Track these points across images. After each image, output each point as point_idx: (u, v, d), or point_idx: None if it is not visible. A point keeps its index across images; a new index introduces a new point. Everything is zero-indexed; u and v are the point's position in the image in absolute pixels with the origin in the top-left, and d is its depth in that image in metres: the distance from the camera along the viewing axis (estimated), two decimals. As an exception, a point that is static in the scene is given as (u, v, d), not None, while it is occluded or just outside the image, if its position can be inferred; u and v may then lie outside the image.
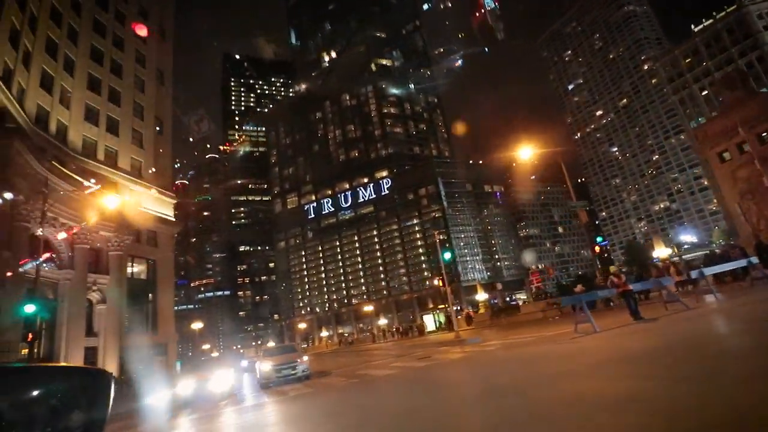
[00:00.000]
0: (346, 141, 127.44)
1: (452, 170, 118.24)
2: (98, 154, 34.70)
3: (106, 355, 30.34)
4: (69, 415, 1.32)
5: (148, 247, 37.18)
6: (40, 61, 30.35)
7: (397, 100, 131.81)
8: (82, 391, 1.35)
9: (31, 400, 1.25)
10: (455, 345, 16.37)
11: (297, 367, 13.03)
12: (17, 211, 24.76)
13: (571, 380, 5.06)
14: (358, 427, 4.73)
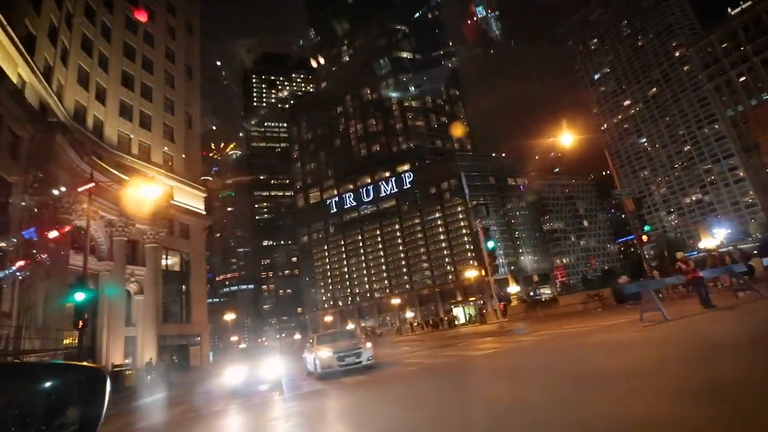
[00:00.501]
0: (367, 135, 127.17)
1: (475, 163, 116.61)
2: (132, 148, 35.38)
3: (144, 344, 31.05)
4: (64, 412, 1.29)
5: (180, 239, 37.84)
6: (76, 58, 31.03)
7: (418, 93, 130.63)
8: (77, 389, 1.31)
9: (25, 398, 1.21)
10: (502, 335, 15.95)
11: (362, 355, 11.35)
12: (60, 203, 25.42)
13: (682, 366, 4.66)
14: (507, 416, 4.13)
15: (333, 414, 6.07)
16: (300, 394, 8.83)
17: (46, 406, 1.24)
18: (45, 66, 26.27)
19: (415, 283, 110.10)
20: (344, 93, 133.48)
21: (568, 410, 3.74)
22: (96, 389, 1.32)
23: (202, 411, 9.49)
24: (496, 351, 10.60)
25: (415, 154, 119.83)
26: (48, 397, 1.26)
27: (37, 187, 23.37)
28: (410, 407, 5.08)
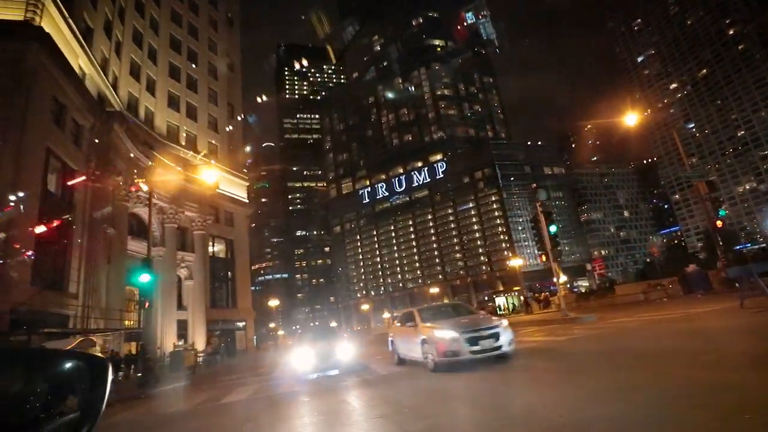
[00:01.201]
0: (399, 125, 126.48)
1: (509, 152, 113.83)
2: (180, 138, 36.43)
3: (195, 327, 32.17)
4: (65, 400, 1.28)
5: (225, 227, 38.86)
6: (128, 50, 32.06)
7: (450, 81, 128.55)
8: (80, 377, 1.30)
9: (27, 384, 1.21)
10: (568, 323, 15.40)
11: (500, 337, 7.60)
12: (118, 191, 26.48)
13: None
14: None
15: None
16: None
17: (47, 393, 1.23)
18: (102, 58, 27.27)
19: (448, 273, 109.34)
20: (376, 83, 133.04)
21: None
22: (98, 378, 1.31)
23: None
24: (599, 334, 10.10)
25: (448, 143, 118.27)
26: (50, 384, 1.26)
27: (98, 174, 24.40)
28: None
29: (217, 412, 7.71)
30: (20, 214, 17.75)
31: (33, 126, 18.83)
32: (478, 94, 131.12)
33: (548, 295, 34.43)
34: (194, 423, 6.92)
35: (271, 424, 5.69)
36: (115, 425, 8.10)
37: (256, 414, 6.72)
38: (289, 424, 5.50)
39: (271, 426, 5.58)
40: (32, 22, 19.64)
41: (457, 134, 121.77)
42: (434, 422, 4.31)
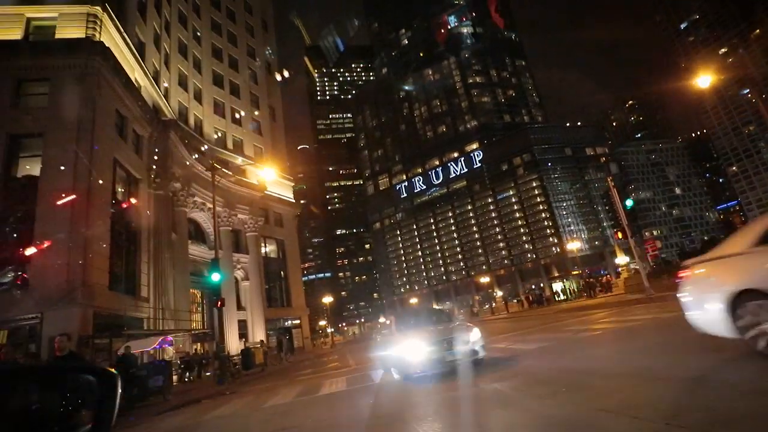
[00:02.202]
0: (432, 117, 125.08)
1: (548, 135, 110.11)
2: (228, 143, 37.35)
3: (254, 326, 32.92)
4: (77, 414, 1.31)
5: (275, 227, 39.58)
6: (176, 62, 33.12)
7: (481, 67, 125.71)
8: (90, 391, 1.31)
9: (39, 399, 1.24)
10: (656, 301, 14.42)
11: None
12: (176, 197, 27.38)
13: None
14: None
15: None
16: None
17: (59, 408, 1.24)
18: (153, 70, 28.26)
19: (491, 263, 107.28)
20: (406, 76, 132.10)
21: None
22: (109, 391, 1.29)
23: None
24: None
25: (483, 131, 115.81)
26: (61, 398, 1.26)
27: (158, 182, 25.31)
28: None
29: (325, 402, 7.56)
30: (97, 224, 18.59)
31: (101, 138, 19.66)
32: (511, 78, 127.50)
33: (610, 278, 32.76)
34: (312, 412, 6.78)
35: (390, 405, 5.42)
36: (228, 416, 8.12)
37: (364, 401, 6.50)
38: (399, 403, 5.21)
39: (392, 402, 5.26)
40: (93, 38, 20.49)
41: (491, 122, 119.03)
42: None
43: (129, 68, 23.62)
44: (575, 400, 3.96)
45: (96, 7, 21.22)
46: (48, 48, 19.65)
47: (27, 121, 18.49)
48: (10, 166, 18.17)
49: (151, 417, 10.33)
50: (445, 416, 4.60)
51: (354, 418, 5.46)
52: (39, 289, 16.09)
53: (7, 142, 18.16)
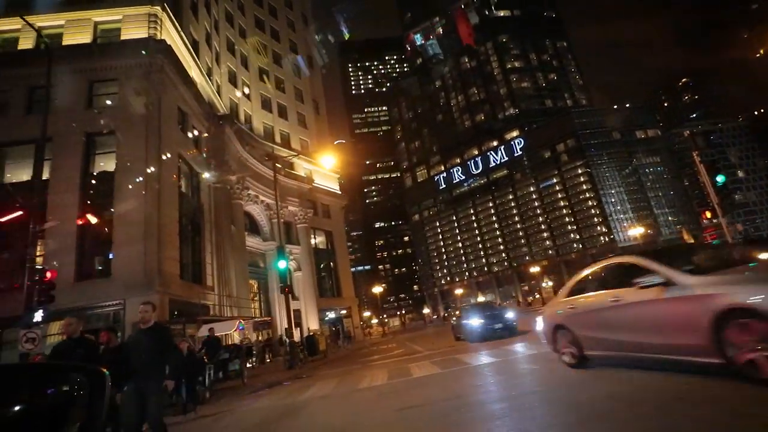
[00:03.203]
0: (470, 105, 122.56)
1: (593, 119, 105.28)
2: (275, 137, 38.04)
3: (308, 315, 33.51)
4: (68, 412, 1.29)
5: (324, 219, 40.05)
6: (225, 59, 33.95)
7: (520, 52, 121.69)
8: (79, 390, 1.31)
9: (28, 399, 1.23)
10: None
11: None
12: (232, 190, 28.13)
13: None
14: None
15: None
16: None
17: (50, 407, 1.24)
18: (207, 68, 29.06)
19: (534, 254, 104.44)
20: (441, 65, 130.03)
21: None
22: (97, 390, 1.27)
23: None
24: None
25: (524, 118, 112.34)
26: (52, 397, 1.26)
27: (217, 176, 26.07)
28: None
29: (429, 383, 7.39)
30: (166, 216, 19.35)
31: (166, 134, 20.40)
32: (552, 61, 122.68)
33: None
34: (424, 392, 6.61)
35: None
36: (328, 397, 8.11)
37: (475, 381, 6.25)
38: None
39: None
40: (155, 37, 21.23)
41: (532, 107, 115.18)
42: None
43: (186, 66, 24.35)
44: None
45: (156, 7, 21.99)
46: (115, 49, 20.53)
47: (100, 120, 19.44)
48: (88, 163, 19.18)
49: (243, 397, 10.57)
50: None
51: (479, 398, 5.24)
52: (121, 278, 16.95)
53: (84, 141, 19.16)
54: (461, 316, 15.77)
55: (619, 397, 3.96)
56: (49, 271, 11.53)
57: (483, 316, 13.58)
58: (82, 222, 16.46)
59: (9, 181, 19.44)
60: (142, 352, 4.54)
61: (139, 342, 4.64)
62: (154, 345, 4.59)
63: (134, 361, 4.53)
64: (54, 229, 15.60)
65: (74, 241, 17.40)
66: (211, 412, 8.81)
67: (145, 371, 4.48)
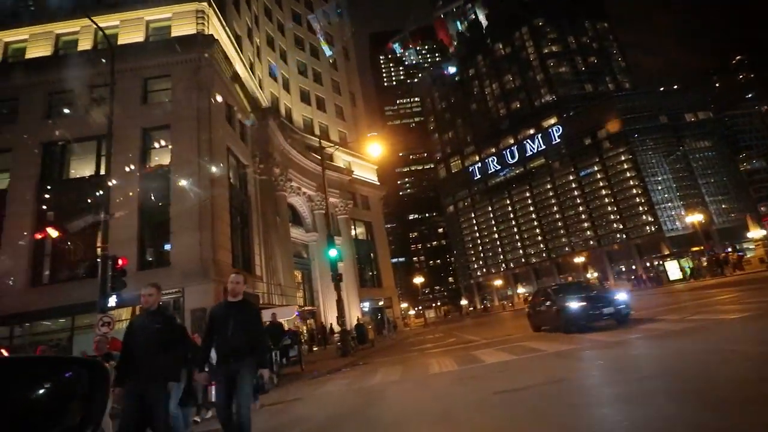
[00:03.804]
0: (504, 93, 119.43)
1: (637, 103, 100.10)
2: (314, 129, 38.36)
3: (351, 305, 33.74)
4: (68, 405, 1.28)
5: (363, 210, 40.20)
6: (266, 54, 34.42)
7: (558, 35, 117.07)
8: (79, 383, 1.30)
9: (28, 392, 1.21)
10: None
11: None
12: (276, 182, 28.58)
13: None
14: None
15: None
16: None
17: (49, 400, 1.23)
18: (249, 62, 29.53)
19: (575, 245, 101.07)
20: (474, 53, 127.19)
21: None
22: (98, 384, 1.28)
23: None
24: None
25: (562, 104, 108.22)
26: (52, 390, 1.25)
27: (262, 168, 26.56)
28: None
29: (509, 369, 7.16)
30: (219, 207, 19.87)
31: (216, 127, 20.87)
32: (592, 43, 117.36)
33: (741, 255, 29.03)
34: (512, 375, 6.39)
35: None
36: (400, 382, 8.03)
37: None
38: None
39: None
40: (203, 32, 21.70)
41: (571, 93, 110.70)
42: None
43: (232, 60, 24.80)
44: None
45: (203, 3, 22.46)
46: (167, 46, 21.12)
47: (155, 116, 20.12)
48: (145, 158, 19.93)
49: (306, 383, 10.70)
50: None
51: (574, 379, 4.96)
52: (179, 267, 17.56)
53: (141, 136, 19.90)
54: (545, 299, 12.43)
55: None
56: (120, 258, 12.03)
57: (583, 298, 10.62)
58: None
59: (73, 176, 20.51)
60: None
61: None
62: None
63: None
64: (116, 220, 16.30)
65: (135, 233, 18.15)
66: (283, 398, 8.91)
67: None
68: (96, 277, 18.42)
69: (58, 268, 18.85)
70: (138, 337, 3.97)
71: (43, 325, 18.65)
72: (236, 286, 4.31)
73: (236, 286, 4.31)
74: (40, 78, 20.63)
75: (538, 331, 12.83)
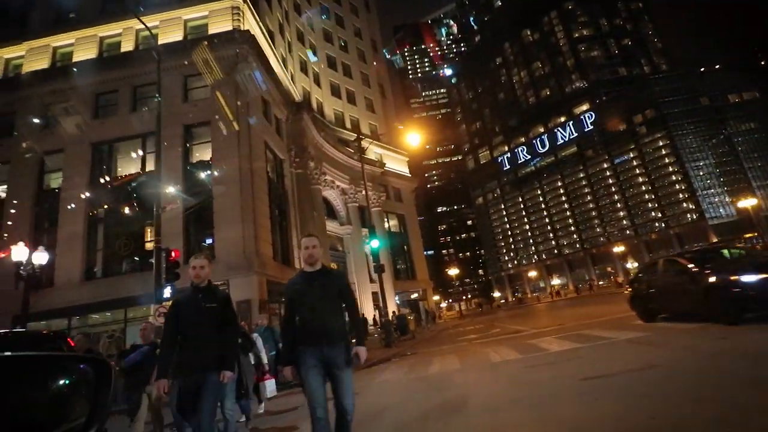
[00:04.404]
0: (533, 81, 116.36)
1: (675, 85, 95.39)
2: (346, 123, 38.39)
3: (387, 298, 33.67)
4: (72, 403, 1.29)
5: (396, 203, 40.05)
6: (296, 49, 34.59)
7: (589, 18, 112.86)
8: (84, 381, 1.30)
9: (33, 389, 1.21)
10: None
11: None
12: (311, 175, 28.76)
13: None
14: None
15: None
16: None
17: (53, 398, 1.23)
18: (282, 57, 29.76)
19: (610, 234, 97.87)
20: (501, 41, 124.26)
21: None
22: (103, 381, 1.27)
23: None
24: None
25: (594, 90, 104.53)
26: (56, 388, 1.25)
27: (297, 162, 26.77)
28: None
29: (580, 356, 6.87)
30: (259, 201, 20.13)
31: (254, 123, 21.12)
32: (626, 25, 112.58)
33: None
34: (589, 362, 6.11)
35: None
36: (462, 371, 7.87)
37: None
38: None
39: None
40: (239, 29, 21.95)
41: (603, 78, 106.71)
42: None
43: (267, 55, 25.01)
44: None
45: (238, 0, 22.69)
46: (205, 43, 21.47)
47: (195, 112, 20.54)
48: (188, 154, 20.40)
49: (359, 373, 10.67)
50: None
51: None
52: (223, 259, 17.90)
53: (183, 133, 20.36)
54: (676, 271, 8.36)
55: None
56: (173, 251, 12.33)
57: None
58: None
59: (120, 174, 21.22)
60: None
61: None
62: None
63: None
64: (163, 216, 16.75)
65: (181, 227, 18.62)
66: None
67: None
68: (144, 271, 19.15)
69: (109, 263, 19.60)
70: (188, 316, 3.50)
71: (94, 318, 19.46)
72: (201, 271, 3.68)
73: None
74: (87, 80, 21.38)
75: (652, 320, 9.16)
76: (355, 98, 40.59)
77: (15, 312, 17.31)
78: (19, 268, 13.07)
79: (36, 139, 21.10)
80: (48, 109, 21.58)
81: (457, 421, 4.14)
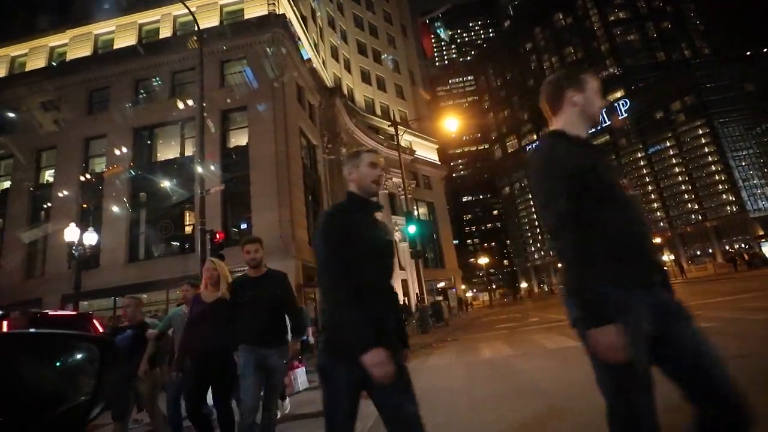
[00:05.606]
0: (565, 66, 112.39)
1: (719, 71, 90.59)
2: (376, 109, 38.11)
3: (415, 286, 33.68)
4: (75, 382, 1.30)
5: (425, 190, 39.69)
6: (328, 35, 34.41)
7: (625, 1, 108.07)
8: (89, 359, 1.30)
9: (38, 367, 1.23)
10: None
11: None
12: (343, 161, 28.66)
13: None
14: None
15: None
16: None
17: (59, 376, 1.26)
18: (314, 43, 29.63)
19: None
20: (531, 26, 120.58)
21: None
22: (108, 360, 1.29)
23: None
24: None
25: (630, 75, 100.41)
26: (61, 367, 1.28)
27: (330, 148, 26.74)
28: None
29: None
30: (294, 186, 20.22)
31: (289, 107, 21.13)
32: (665, 7, 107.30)
33: None
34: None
35: None
36: (533, 356, 7.66)
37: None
38: None
39: None
40: (275, 13, 21.89)
41: (640, 63, 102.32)
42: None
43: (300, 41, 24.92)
44: None
45: (273, -16, 22.60)
46: (241, 28, 21.54)
47: (232, 98, 20.68)
48: (225, 138, 20.63)
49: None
50: None
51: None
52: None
53: (220, 118, 20.57)
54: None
55: None
56: (218, 232, 12.48)
57: None
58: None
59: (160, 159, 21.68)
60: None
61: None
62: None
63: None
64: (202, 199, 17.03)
65: (219, 211, 18.90)
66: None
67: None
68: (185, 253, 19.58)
69: (151, 245, 20.15)
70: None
71: (139, 298, 20.07)
72: (256, 255, 3.59)
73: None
74: (127, 67, 21.83)
75: None
76: (385, 85, 40.20)
77: (65, 292, 18.13)
78: (71, 249, 13.56)
79: (80, 125, 21.78)
80: (91, 95, 22.20)
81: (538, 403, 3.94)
